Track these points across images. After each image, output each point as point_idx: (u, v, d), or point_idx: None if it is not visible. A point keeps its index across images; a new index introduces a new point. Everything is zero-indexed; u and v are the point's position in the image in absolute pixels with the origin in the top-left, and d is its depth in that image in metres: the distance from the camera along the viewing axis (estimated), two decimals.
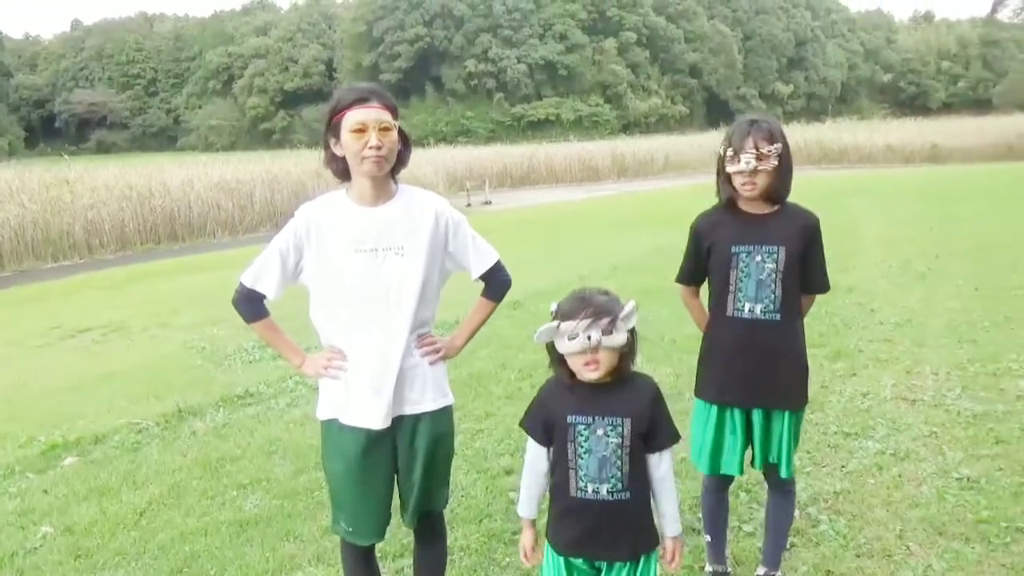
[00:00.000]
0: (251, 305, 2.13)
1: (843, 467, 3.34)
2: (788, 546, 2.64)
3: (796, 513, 2.85)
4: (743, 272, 2.28)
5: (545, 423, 1.88)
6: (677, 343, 5.18)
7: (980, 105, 59.30)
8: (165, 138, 75.63)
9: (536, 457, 1.92)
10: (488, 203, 21.94)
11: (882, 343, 5.18)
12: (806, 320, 2.43)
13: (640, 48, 64.01)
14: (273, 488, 3.52)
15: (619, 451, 1.81)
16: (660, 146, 33.50)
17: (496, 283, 2.23)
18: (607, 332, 1.74)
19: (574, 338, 1.75)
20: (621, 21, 63.18)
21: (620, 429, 1.81)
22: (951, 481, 3.15)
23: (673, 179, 28.01)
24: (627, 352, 1.81)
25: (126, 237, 15.59)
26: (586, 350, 1.75)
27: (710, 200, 2.40)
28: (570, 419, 1.83)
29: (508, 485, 3.34)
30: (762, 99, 67.71)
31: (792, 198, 2.34)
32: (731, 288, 2.30)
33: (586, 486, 1.82)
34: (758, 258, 2.26)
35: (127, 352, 6.83)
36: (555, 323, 1.77)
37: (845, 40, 74.22)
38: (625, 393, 1.83)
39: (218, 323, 7.56)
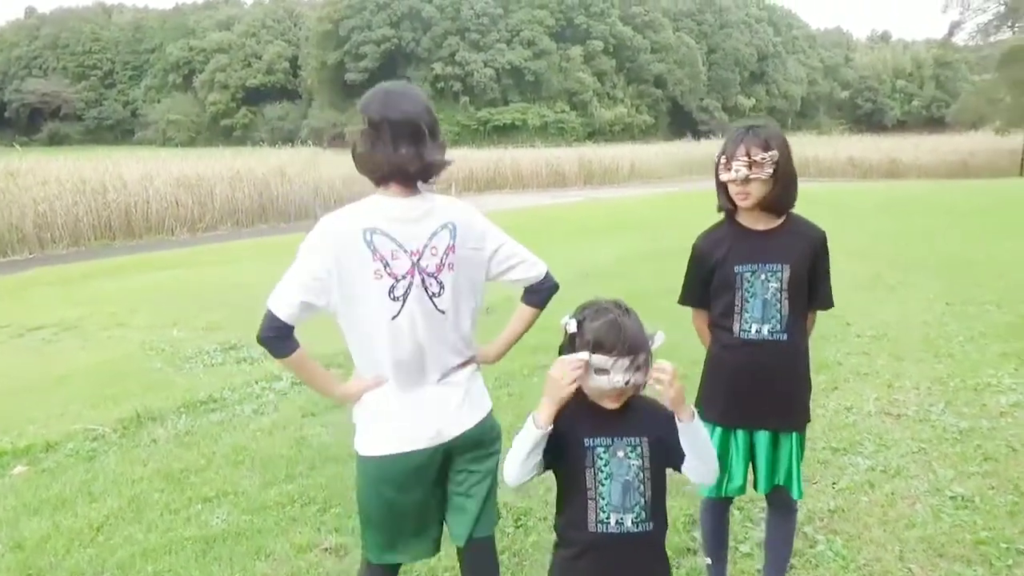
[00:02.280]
0: None
1: (835, 484, 3.27)
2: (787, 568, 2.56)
3: None
4: (748, 292, 2.18)
5: (556, 445, 1.69)
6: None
7: (933, 124, 61.18)
8: (121, 131, 73.78)
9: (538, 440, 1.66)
10: None
11: (861, 356, 5.16)
12: None
13: (607, 57, 64.45)
14: (241, 501, 3.32)
15: (641, 474, 1.66)
16: (626, 154, 33.72)
17: None
18: (639, 369, 1.60)
19: (603, 373, 1.59)
20: (588, 29, 63.55)
21: (639, 449, 1.67)
22: (945, 500, 3.09)
23: (639, 187, 28.19)
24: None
25: (80, 232, 15.06)
26: (616, 390, 1.61)
27: (677, 208, 2.33)
28: (588, 442, 1.67)
29: None
30: (725, 111, 68.76)
31: None
32: (736, 309, 2.20)
33: (608, 517, 1.65)
34: (762, 277, 2.17)
35: (81, 353, 6.51)
36: (585, 355, 1.60)
37: (805, 56, 75.92)
38: (639, 408, 1.69)
39: (177, 324, 7.29)
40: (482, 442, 1.96)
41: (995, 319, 6.14)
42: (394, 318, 1.83)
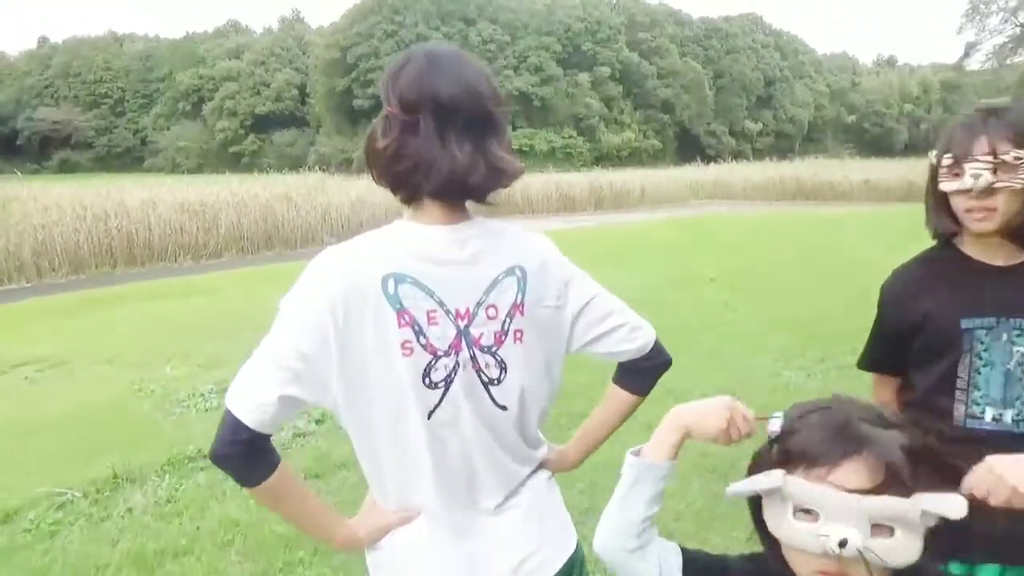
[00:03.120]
0: None
1: None
2: None
3: None
4: (981, 359, 1.47)
5: None
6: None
7: None
8: (131, 159, 74.13)
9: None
10: None
11: None
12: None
13: (614, 82, 64.57)
14: None
15: None
16: (636, 178, 33.22)
17: None
18: (890, 529, 0.87)
19: (809, 518, 0.89)
20: (595, 56, 63.73)
21: None
22: None
23: (651, 211, 27.62)
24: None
25: (80, 259, 14.57)
26: (829, 555, 0.88)
27: (698, 232, 1.74)
28: None
29: None
30: (732, 135, 68.92)
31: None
32: (961, 384, 1.49)
33: None
34: (1004, 336, 1.45)
35: (64, 393, 5.90)
36: (778, 476, 0.91)
37: (812, 81, 76.17)
38: None
39: (172, 359, 6.69)
40: None
41: None
42: (430, 415, 1.16)
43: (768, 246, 12.87)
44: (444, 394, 1.16)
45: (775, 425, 0.97)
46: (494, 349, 1.19)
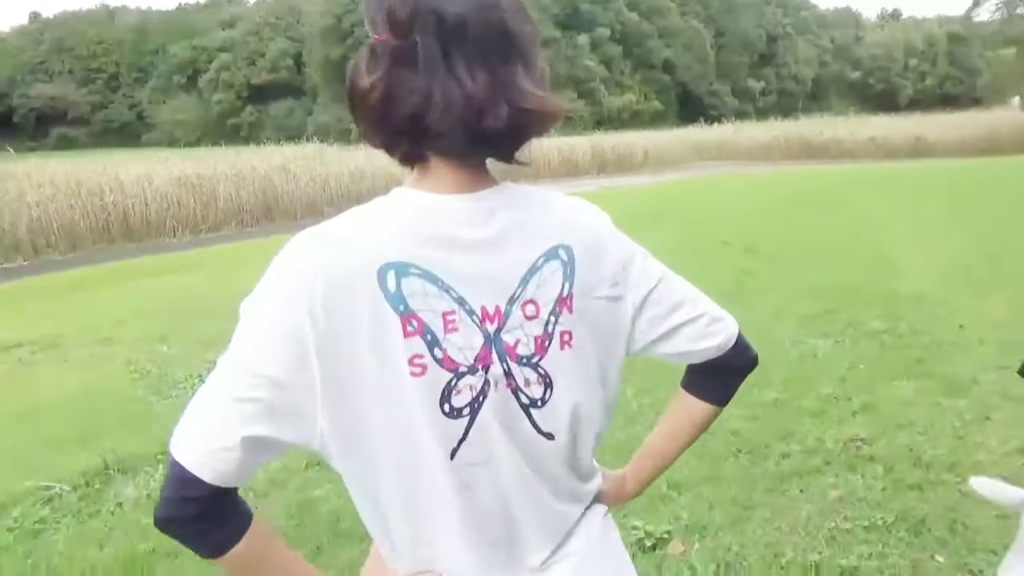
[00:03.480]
0: None
1: None
2: None
3: None
4: None
5: None
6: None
7: (946, 101, 59.84)
8: (129, 134, 73.44)
9: None
10: None
11: (998, 371, 4.09)
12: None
13: (614, 44, 63.55)
14: None
15: None
16: (639, 141, 32.70)
17: None
18: None
19: None
20: (594, 17, 62.64)
21: None
22: None
23: (655, 174, 27.18)
24: None
25: (77, 236, 14.38)
26: None
27: (703, 195, 1.59)
28: None
29: None
30: (735, 95, 67.98)
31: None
32: None
33: None
34: None
35: (58, 377, 5.71)
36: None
37: (815, 37, 74.98)
38: None
39: (168, 338, 6.49)
40: None
41: None
42: (454, 453, 0.87)
43: (778, 207, 12.57)
44: (470, 424, 0.87)
45: None
46: (535, 360, 0.89)
